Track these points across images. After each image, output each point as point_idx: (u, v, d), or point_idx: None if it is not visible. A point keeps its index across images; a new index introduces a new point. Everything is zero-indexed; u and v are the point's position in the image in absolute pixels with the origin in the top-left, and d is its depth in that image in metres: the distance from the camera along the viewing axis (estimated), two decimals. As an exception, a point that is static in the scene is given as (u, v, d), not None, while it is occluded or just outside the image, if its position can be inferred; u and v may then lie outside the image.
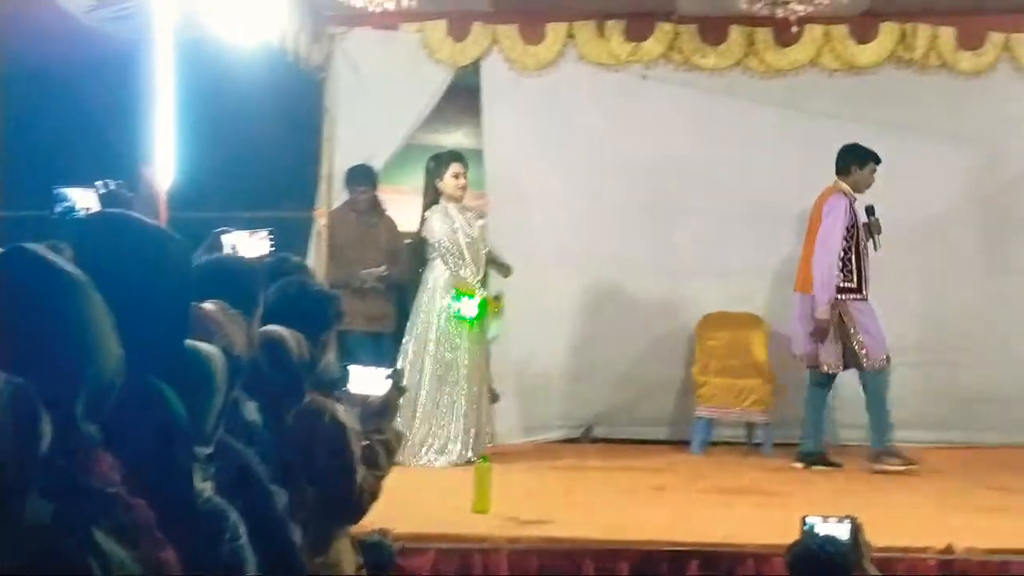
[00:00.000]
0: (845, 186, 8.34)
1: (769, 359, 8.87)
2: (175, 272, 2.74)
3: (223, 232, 4.66)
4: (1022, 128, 9.27)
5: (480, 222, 8.43)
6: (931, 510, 6.54)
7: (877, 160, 8.40)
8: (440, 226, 8.17)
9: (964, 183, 9.35)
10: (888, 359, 8.20)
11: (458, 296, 8.05)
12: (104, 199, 4.03)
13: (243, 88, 8.34)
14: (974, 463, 8.41)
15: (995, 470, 8.08)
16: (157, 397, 2.61)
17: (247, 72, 7.97)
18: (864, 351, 8.12)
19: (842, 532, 3.78)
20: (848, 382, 8.53)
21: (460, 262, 8.16)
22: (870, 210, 8.33)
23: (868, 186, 8.40)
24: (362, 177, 8.95)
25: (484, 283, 8.30)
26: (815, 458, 8.18)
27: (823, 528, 3.82)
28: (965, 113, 9.24)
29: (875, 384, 8.16)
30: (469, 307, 8.00)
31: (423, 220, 8.29)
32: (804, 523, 3.84)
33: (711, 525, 6.11)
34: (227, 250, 4.59)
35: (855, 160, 8.37)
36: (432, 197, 8.31)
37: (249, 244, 4.66)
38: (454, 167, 8.26)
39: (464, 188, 8.31)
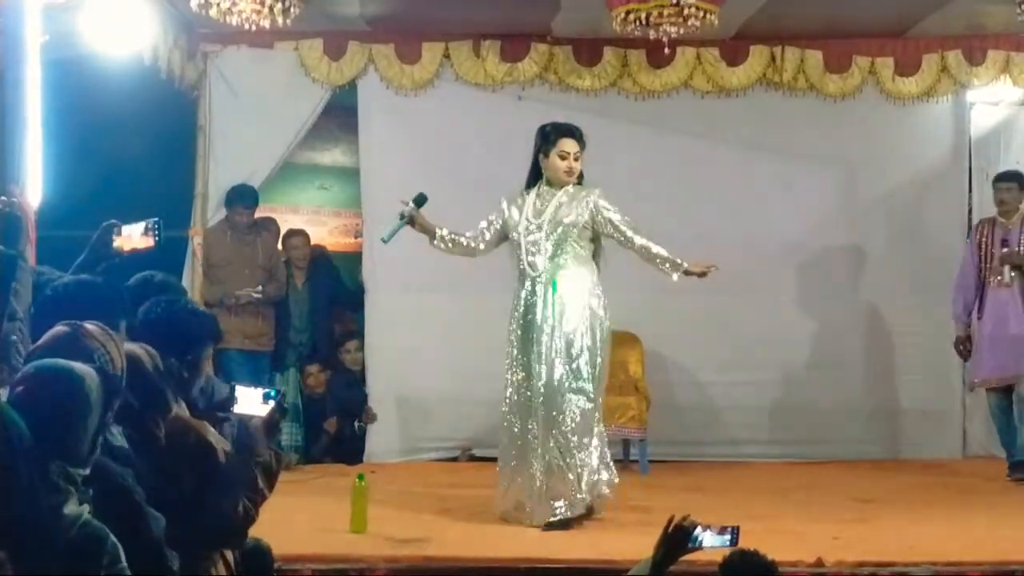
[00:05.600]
0: None
1: (645, 377, 8.96)
2: None
3: (114, 224, 4.64)
4: (887, 149, 9.52)
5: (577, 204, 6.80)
6: (799, 524, 6.65)
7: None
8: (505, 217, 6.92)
9: (831, 203, 9.58)
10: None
11: None
12: None
13: (116, 106, 8.25)
14: (838, 476, 8.62)
15: (858, 483, 8.30)
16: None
17: (119, 90, 7.89)
18: None
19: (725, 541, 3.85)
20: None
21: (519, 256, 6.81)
22: None
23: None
24: (243, 196, 8.89)
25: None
26: None
27: (708, 539, 3.88)
28: (833, 135, 9.46)
29: None
30: None
31: None
32: (691, 535, 3.89)
33: (587, 542, 6.15)
34: (116, 243, 4.59)
35: None
36: (534, 175, 6.97)
37: (140, 237, 4.66)
38: (563, 144, 6.81)
39: (571, 172, 6.80)
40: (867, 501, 7.59)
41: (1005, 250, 8.51)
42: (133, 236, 4.65)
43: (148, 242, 4.68)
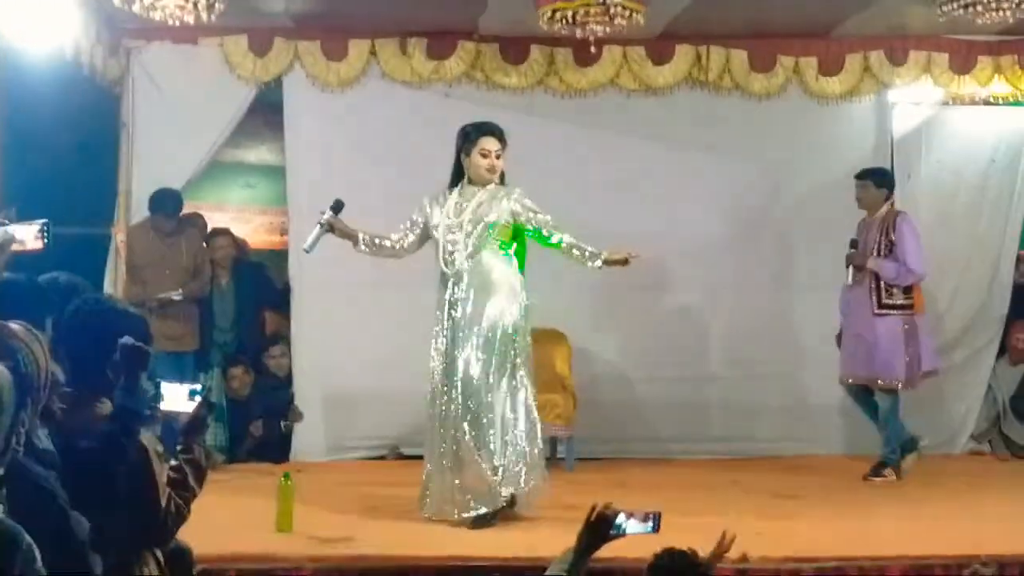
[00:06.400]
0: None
1: (572, 374, 8.98)
2: None
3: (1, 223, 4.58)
4: (810, 148, 9.61)
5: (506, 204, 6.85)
6: (724, 520, 6.68)
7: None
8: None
9: (756, 201, 9.63)
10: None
11: None
12: None
13: (36, 102, 8.12)
14: (761, 473, 8.67)
15: (781, 479, 8.37)
16: None
17: (40, 86, 7.76)
18: None
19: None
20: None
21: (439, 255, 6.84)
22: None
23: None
24: (165, 203, 8.78)
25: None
26: None
27: (631, 526, 3.89)
28: (758, 134, 9.52)
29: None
30: None
31: None
32: (614, 522, 3.90)
33: (513, 539, 6.16)
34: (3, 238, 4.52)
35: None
36: (457, 175, 7.00)
37: (29, 236, 4.59)
38: (484, 142, 6.87)
39: (492, 169, 6.86)
40: (790, 497, 7.67)
41: (852, 251, 8.58)
42: (23, 237, 4.57)
43: (37, 244, 4.60)
